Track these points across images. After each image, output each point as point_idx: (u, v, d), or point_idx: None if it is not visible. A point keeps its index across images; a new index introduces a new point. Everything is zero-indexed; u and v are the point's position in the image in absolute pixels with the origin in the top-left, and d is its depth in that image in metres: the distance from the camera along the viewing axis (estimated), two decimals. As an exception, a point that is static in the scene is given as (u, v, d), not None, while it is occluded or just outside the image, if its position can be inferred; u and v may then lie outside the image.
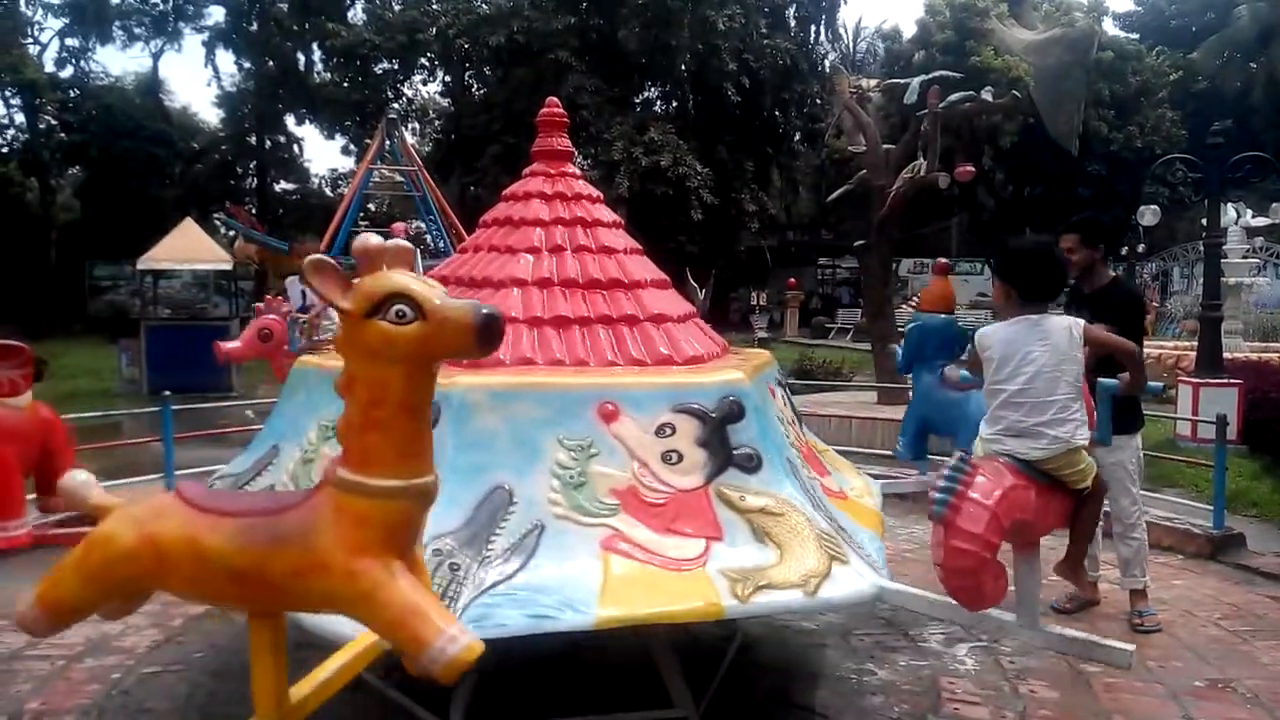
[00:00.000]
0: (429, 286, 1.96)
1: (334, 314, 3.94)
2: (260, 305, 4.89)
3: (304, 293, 5.00)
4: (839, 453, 4.68)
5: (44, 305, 25.73)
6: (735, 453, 3.08)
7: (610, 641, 3.60)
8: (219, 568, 2.06)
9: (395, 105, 31.62)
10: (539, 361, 3.33)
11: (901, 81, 12.28)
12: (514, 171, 4.33)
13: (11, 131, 32.24)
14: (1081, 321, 3.32)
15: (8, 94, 30.85)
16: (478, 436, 2.94)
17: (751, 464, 3.09)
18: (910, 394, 5.64)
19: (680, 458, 3.03)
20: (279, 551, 2.02)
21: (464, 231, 24.84)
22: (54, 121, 31.73)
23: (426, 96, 37.43)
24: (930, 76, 11.56)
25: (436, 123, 36.77)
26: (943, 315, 5.11)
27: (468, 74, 31.89)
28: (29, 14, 31.75)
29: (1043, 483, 3.12)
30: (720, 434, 3.09)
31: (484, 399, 2.98)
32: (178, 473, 6.63)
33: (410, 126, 34.30)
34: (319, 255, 2.03)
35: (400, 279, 1.96)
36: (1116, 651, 3.13)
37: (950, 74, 12.39)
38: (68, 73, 32.71)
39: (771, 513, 2.99)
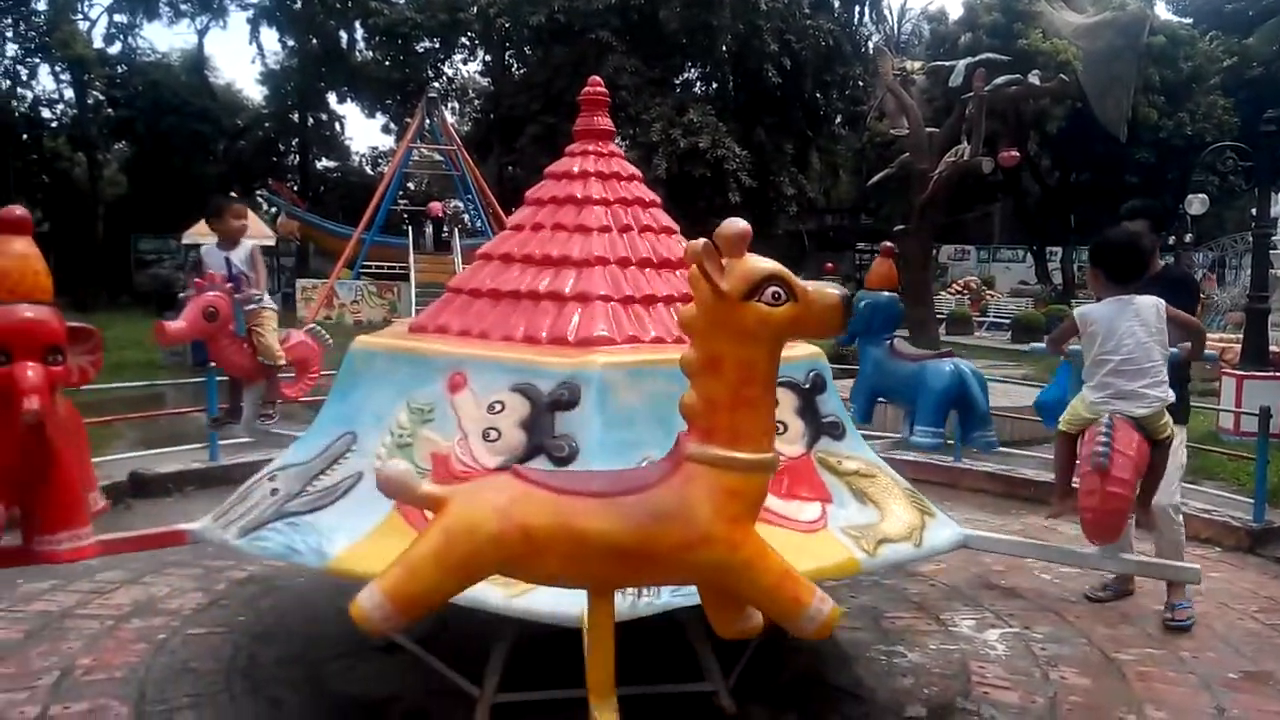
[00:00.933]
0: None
1: (263, 288, 4.71)
2: (200, 280, 4.54)
3: (228, 260, 4.77)
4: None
5: (91, 278, 26.24)
6: (824, 421, 3.33)
7: (641, 616, 3.65)
8: (600, 548, 2.13)
9: (435, 84, 31.75)
10: (643, 339, 3.36)
11: (947, 64, 12.12)
12: (553, 152, 4.34)
13: (60, 107, 32.88)
14: (1163, 301, 3.67)
15: (57, 69, 31.40)
16: (621, 413, 3.02)
17: (838, 431, 3.35)
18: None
19: (785, 428, 3.18)
20: (662, 527, 2.11)
21: (500, 211, 25.02)
22: (102, 97, 32.26)
23: (466, 76, 37.61)
24: (976, 59, 11.40)
25: (476, 102, 36.90)
26: (886, 293, 5.54)
27: (508, 53, 31.91)
28: (79, -10, 32.25)
29: (1143, 435, 3.53)
30: (812, 404, 3.31)
31: (623, 378, 3.07)
32: (220, 443, 6.78)
33: (450, 106, 34.49)
34: (701, 240, 2.09)
35: (772, 263, 2.10)
36: (1187, 570, 3.64)
37: (997, 57, 12.20)
38: (116, 49, 33.22)
39: (865, 474, 3.27)
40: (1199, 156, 24.34)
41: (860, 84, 29.31)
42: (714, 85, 30.23)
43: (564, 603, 2.70)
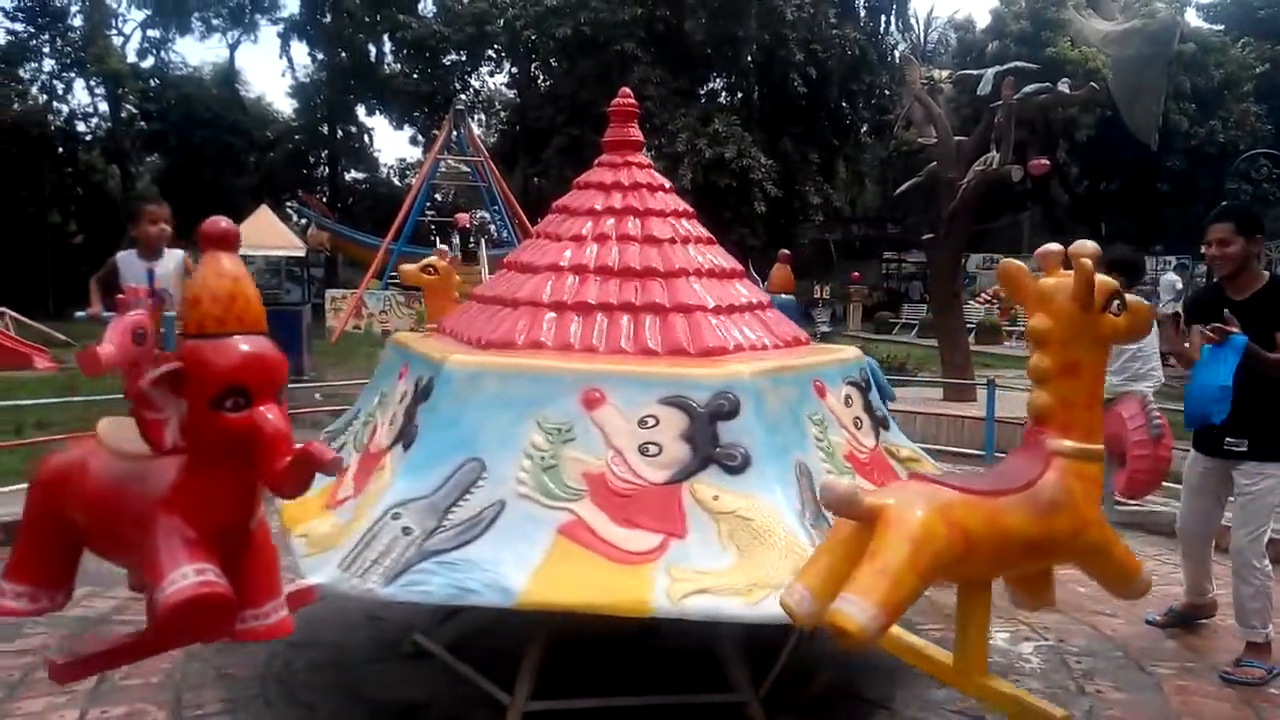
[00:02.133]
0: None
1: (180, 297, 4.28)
2: (123, 296, 4.03)
3: (150, 273, 4.37)
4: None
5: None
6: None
7: (674, 626, 3.65)
8: (1019, 542, 2.46)
9: (463, 96, 32.00)
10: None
11: (975, 72, 12.06)
12: (578, 163, 4.42)
13: (95, 120, 33.44)
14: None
15: (92, 84, 31.95)
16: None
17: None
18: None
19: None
20: (1058, 517, 2.49)
21: (526, 221, 25.14)
22: (135, 111, 32.78)
23: (493, 88, 37.88)
24: (1005, 67, 11.33)
25: (502, 114, 37.16)
26: (785, 296, 6.20)
27: (534, 65, 32.12)
28: (114, 5, 32.84)
29: None
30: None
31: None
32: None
33: (476, 118, 34.71)
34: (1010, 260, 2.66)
35: (1109, 279, 2.53)
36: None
37: (1026, 65, 12.11)
38: (149, 63, 33.79)
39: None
40: (1231, 164, 24.03)
41: (886, 93, 29.22)
42: (739, 95, 30.23)
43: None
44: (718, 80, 30.47)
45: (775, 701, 3.40)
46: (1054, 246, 2.60)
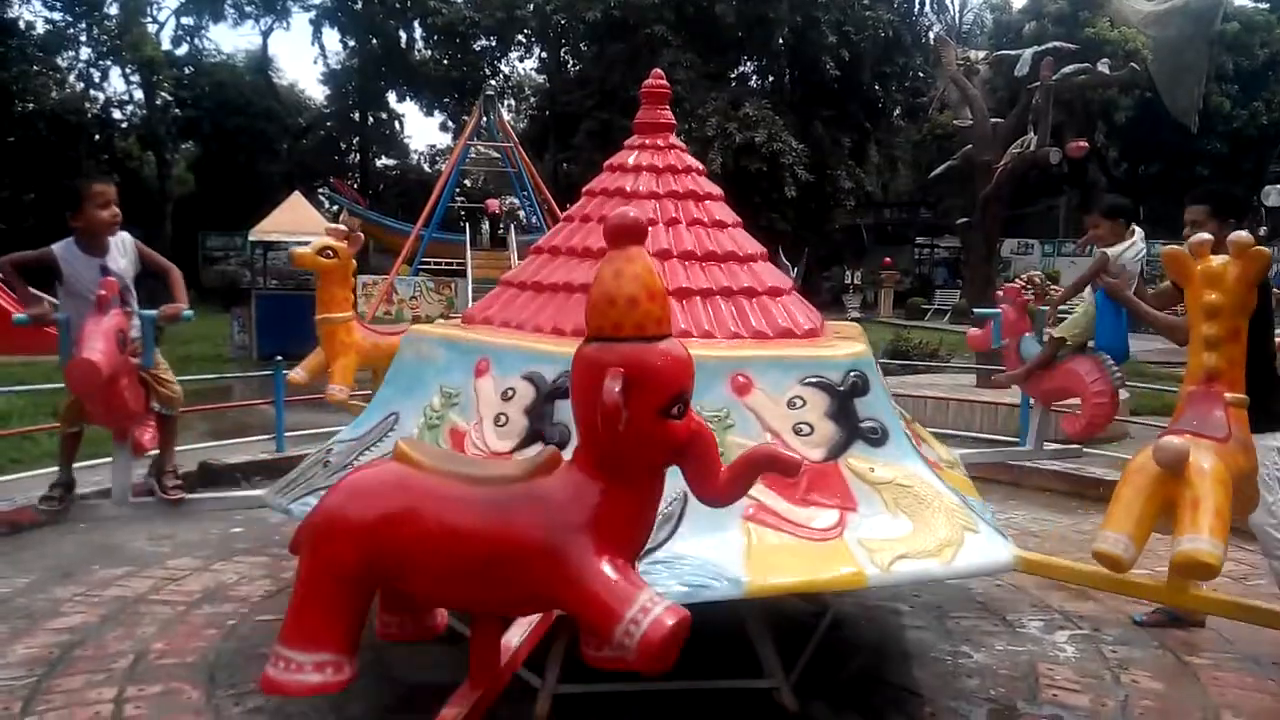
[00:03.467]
0: None
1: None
2: (103, 294, 3.55)
3: (104, 269, 3.75)
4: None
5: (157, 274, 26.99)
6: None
7: (702, 611, 3.63)
8: (1242, 478, 3.16)
9: (492, 82, 32.02)
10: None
11: (1012, 53, 11.85)
12: (607, 148, 4.39)
13: (130, 108, 33.86)
14: None
15: (128, 71, 32.33)
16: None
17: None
18: None
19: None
20: (1247, 455, 3.20)
21: (556, 207, 25.13)
22: (170, 98, 33.13)
23: (523, 73, 37.88)
24: (1044, 48, 11.14)
25: (532, 99, 37.16)
26: None
27: (564, 50, 32.07)
28: (149, -6, 33.18)
29: None
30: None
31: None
32: (286, 434, 6.92)
33: (506, 103, 34.73)
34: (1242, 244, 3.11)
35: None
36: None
37: (1064, 45, 11.91)
38: (183, 50, 34.09)
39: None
40: (1275, 147, 23.48)
41: (920, 75, 28.86)
42: (770, 79, 30.02)
43: (994, 551, 3.08)
44: (748, 64, 30.25)
45: (806, 687, 3.38)
46: (1205, 236, 3.26)
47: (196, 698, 3.33)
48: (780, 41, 27.00)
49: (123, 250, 3.92)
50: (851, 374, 3.22)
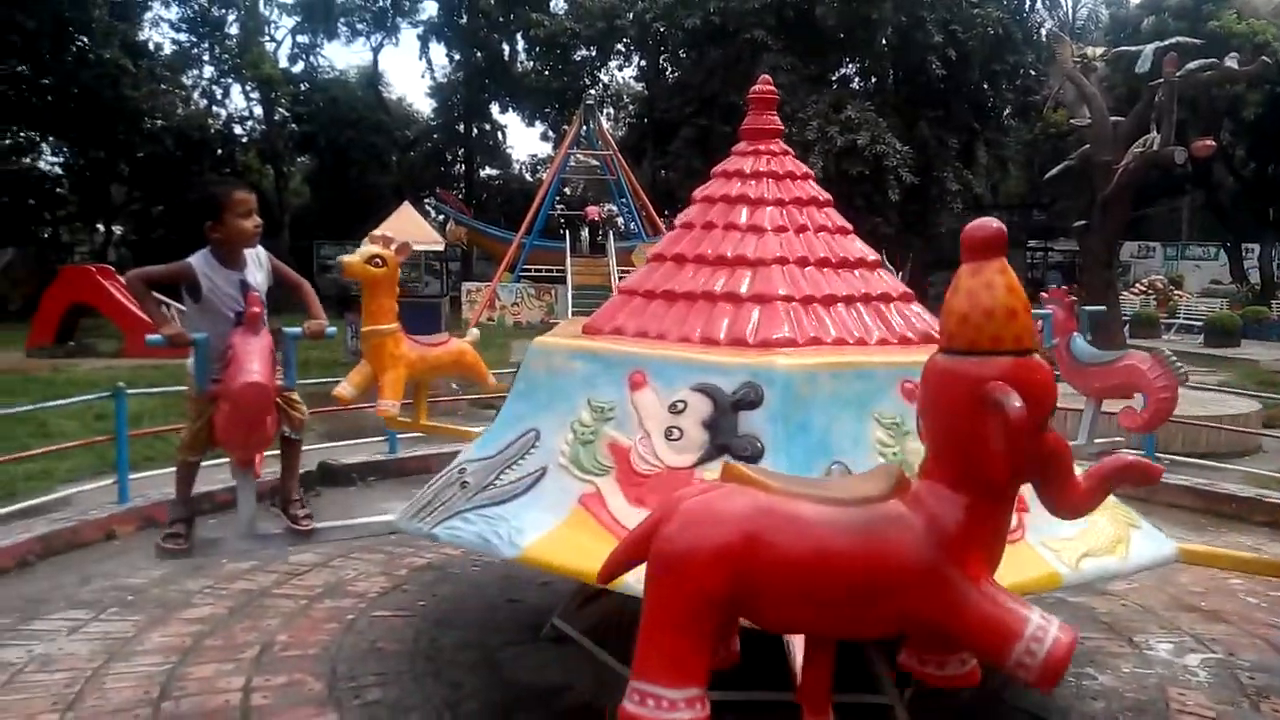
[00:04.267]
0: None
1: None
2: (255, 310, 3.39)
3: (243, 284, 3.52)
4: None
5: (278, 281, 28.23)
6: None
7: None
8: None
9: (592, 91, 32.44)
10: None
11: (1132, 49, 11.34)
12: (705, 154, 4.37)
13: (250, 123, 35.51)
14: None
15: (248, 89, 33.94)
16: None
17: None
18: None
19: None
20: None
21: (654, 213, 25.26)
22: (287, 114, 34.64)
23: (621, 82, 38.23)
24: (1166, 43, 10.63)
25: (630, 107, 37.45)
26: None
27: (662, 58, 32.23)
28: (267, 14, 34.80)
29: None
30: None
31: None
32: (399, 436, 7.13)
33: (605, 112, 35.11)
34: None
35: None
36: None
37: (1188, 40, 11.33)
38: (299, 68, 35.63)
39: None
40: None
41: (1032, 73, 27.87)
42: (873, 80, 29.49)
43: (1159, 545, 3.10)
44: (850, 65, 29.79)
45: (923, 706, 3.29)
46: None
47: (319, 689, 3.45)
48: (884, 42, 26.49)
49: (259, 263, 3.65)
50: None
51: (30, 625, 4.06)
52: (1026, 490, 2.90)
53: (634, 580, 2.52)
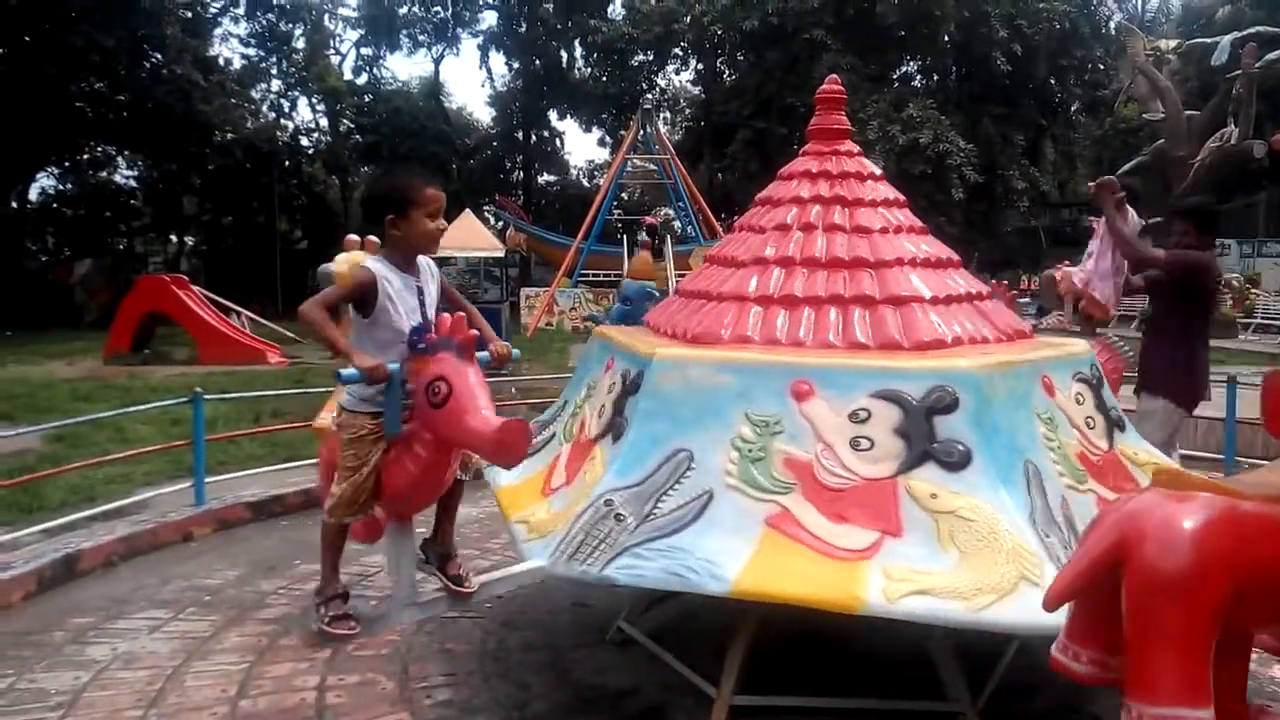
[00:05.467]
0: None
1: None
2: (473, 333, 2.97)
3: (420, 292, 3.18)
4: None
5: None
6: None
7: (881, 632, 3.53)
8: None
9: (649, 96, 32.56)
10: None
11: (1208, 41, 11.02)
12: (763, 157, 4.36)
13: (316, 134, 36.38)
14: None
15: (314, 101, 34.77)
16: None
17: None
18: None
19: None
20: None
21: (711, 217, 25.22)
22: (351, 125, 35.41)
23: (678, 86, 38.32)
24: (1244, 33, 10.30)
25: (687, 111, 37.53)
26: (643, 282, 6.36)
27: (719, 60, 32.20)
28: (332, 28, 35.64)
29: None
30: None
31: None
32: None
33: (662, 116, 35.21)
34: None
35: None
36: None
37: (1267, 30, 10.95)
38: (363, 80, 36.42)
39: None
40: None
41: (1101, 67, 27.21)
42: (935, 77, 29.10)
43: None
44: (911, 63, 29.47)
45: (993, 715, 3.22)
46: None
47: (391, 688, 3.50)
48: (946, 39, 26.11)
49: (431, 273, 3.13)
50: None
51: (114, 624, 4.19)
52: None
53: (874, 600, 2.60)
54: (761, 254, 3.61)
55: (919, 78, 29.66)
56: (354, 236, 4.07)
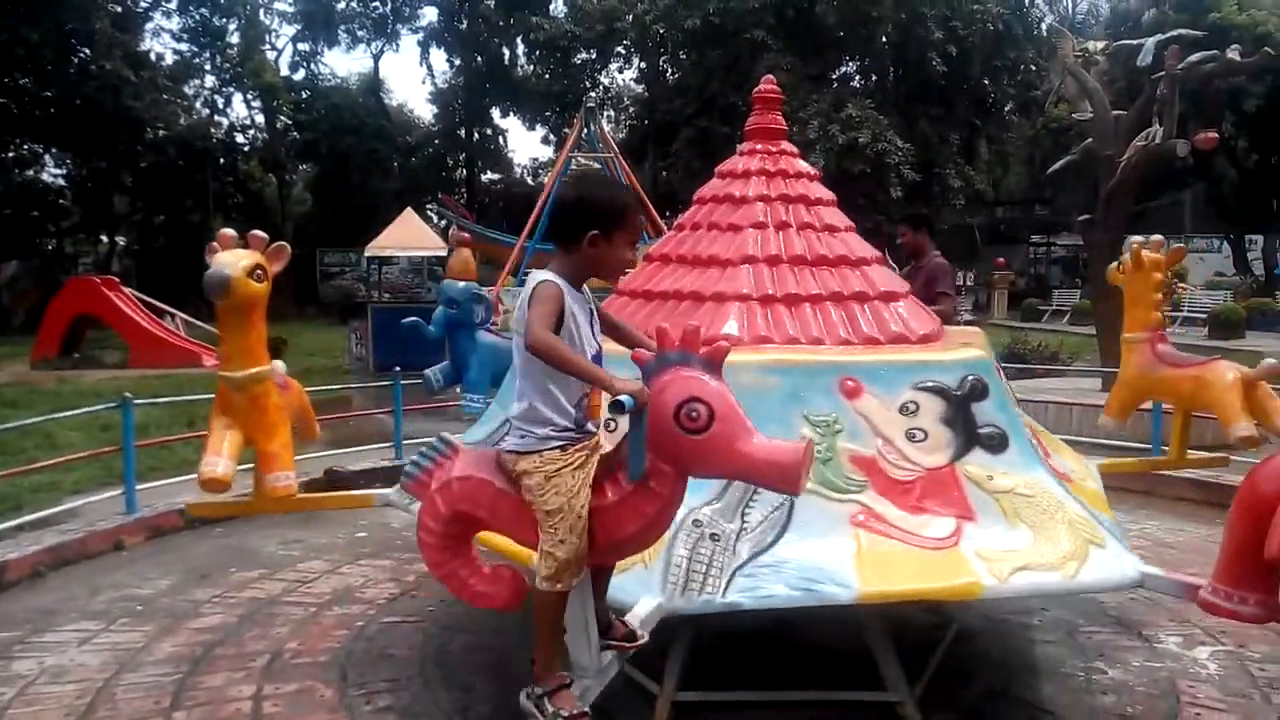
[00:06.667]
0: None
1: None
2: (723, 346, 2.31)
3: (592, 315, 2.48)
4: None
5: (281, 290, 28.30)
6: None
7: (820, 622, 3.58)
8: None
9: (593, 94, 32.43)
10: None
11: (1133, 42, 11.32)
12: (706, 155, 4.37)
13: (252, 131, 35.58)
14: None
15: (249, 97, 34.02)
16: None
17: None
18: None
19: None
20: None
21: (656, 215, 25.23)
22: (288, 121, 34.70)
23: (622, 84, 38.26)
24: (1168, 35, 10.60)
25: (631, 109, 37.48)
26: (467, 283, 5.98)
27: (662, 59, 32.25)
28: (268, 22, 34.90)
29: None
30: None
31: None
32: (404, 442, 7.14)
33: (606, 114, 35.12)
34: None
35: None
36: None
37: (1189, 32, 11.29)
38: (300, 75, 35.70)
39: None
40: None
41: (1033, 68, 27.80)
42: (873, 78, 29.48)
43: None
44: (850, 64, 29.79)
45: (931, 702, 3.29)
46: None
47: (330, 696, 3.46)
48: (884, 40, 26.47)
49: (586, 297, 2.59)
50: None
51: (41, 637, 4.07)
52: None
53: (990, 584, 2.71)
54: (747, 252, 3.60)
55: (858, 78, 30.02)
56: (229, 231, 3.44)
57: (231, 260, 3.25)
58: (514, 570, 2.55)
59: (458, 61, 36.35)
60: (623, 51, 33.60)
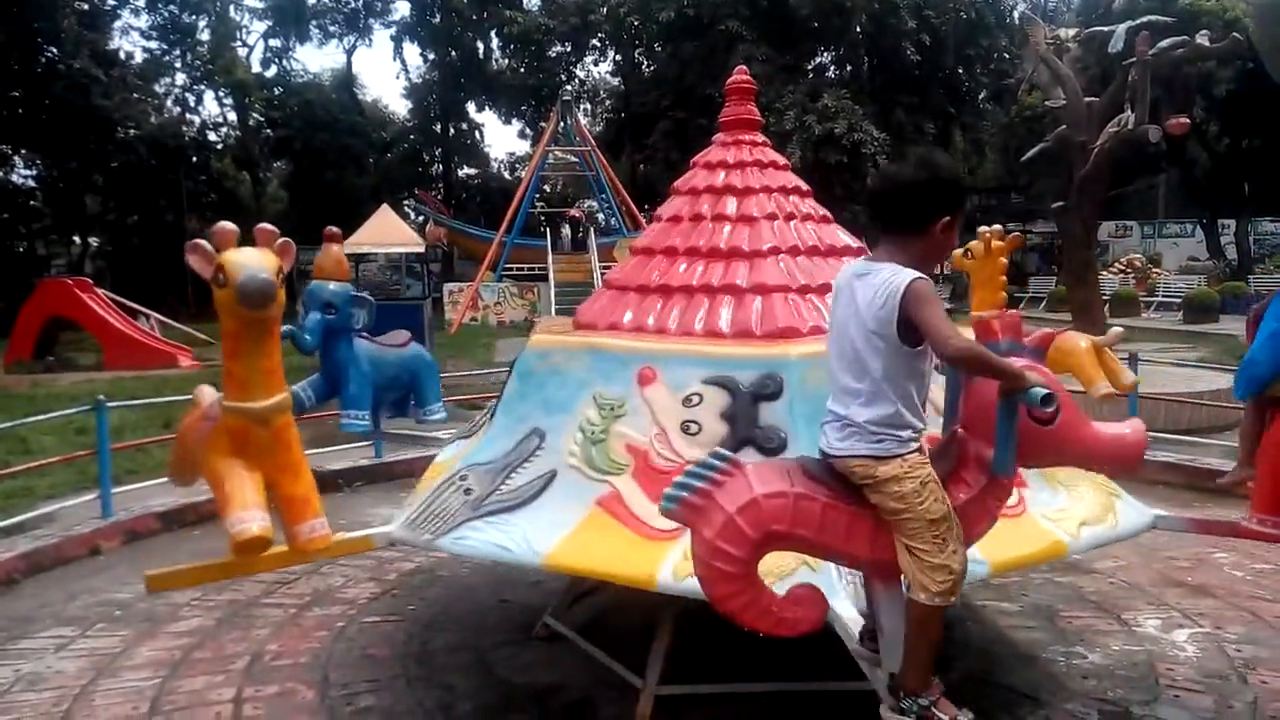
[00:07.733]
0: None
1: None
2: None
3: None
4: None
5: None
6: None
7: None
8: None
9: (568, 87, 32.36)
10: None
11: (1105, 29, 11.40)
12: (683, 147, 4.34)
13: (225, 129, 35.25)
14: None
15: (221, 95, 33.69)
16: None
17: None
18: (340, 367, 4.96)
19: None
20: None
21: (634, 208, 25.24)
22: (261, 118, 34.41)
23: (598, 77, 38.19)
24: (1138, 22, 10.69)
25: (607, 102, 37.40)
26: (342, 285, 5.08)
27: (638, 51, 32.18)
28: (238, 19, 34.55)
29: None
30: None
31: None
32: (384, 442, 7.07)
33: (582, 107, 35.05)
34: None
35: None
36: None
37: (1159, 19, 11.39)
38: (272, 72, 35.41)
39: None
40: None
41: (1006, 56, 27.98)
42: (848, 68, 29.56)
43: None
44: (825, 54, 29.86)
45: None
46: None
47: (311, 698, 3.43)
48: (858, 30, 26.54)
49: None
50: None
51: (17, 644, 4.02)
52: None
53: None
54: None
55: (833, 68, 30.09)
56: (229, 226, 2.87)
57: (265, 263, 2.72)
58: (809, 588, 2.36)
59: (431, 56, 36.15)
60: (597, 44, 33.53)
